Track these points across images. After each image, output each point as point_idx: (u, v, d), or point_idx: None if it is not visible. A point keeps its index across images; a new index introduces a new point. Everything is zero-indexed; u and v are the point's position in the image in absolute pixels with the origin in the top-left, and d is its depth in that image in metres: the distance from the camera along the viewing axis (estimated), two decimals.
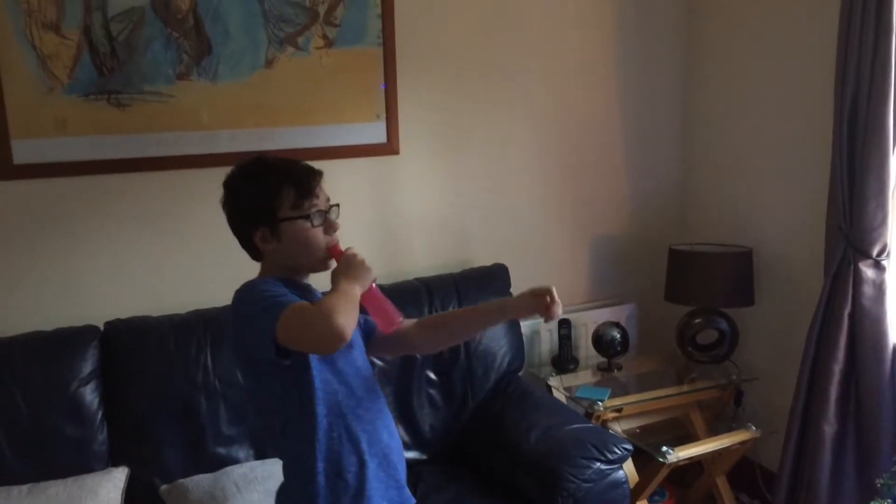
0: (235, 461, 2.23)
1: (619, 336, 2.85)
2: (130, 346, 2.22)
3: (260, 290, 1.45)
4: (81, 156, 2.31)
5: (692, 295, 2.89)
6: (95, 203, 2.36)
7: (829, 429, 2.47)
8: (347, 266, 1.47)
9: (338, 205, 1.56)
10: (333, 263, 1.53)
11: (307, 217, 1.49)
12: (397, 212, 2.76)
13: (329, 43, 2.54)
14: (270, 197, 1.48)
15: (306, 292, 1.55)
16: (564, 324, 2.87)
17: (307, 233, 1.49)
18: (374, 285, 1.51)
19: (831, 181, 2.47)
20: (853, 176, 2.38)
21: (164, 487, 2.15)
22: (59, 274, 2.34)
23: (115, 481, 2.08)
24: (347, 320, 1.33)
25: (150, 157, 2.38)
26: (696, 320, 2.89)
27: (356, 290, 1.43)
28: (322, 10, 2.52)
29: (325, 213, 1.52)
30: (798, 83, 2.72)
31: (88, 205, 2.35)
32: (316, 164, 2.48)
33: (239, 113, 2.47)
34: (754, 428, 2.63)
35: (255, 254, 1.55)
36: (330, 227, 1.53)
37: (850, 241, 2.41)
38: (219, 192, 1.54)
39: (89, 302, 2.35)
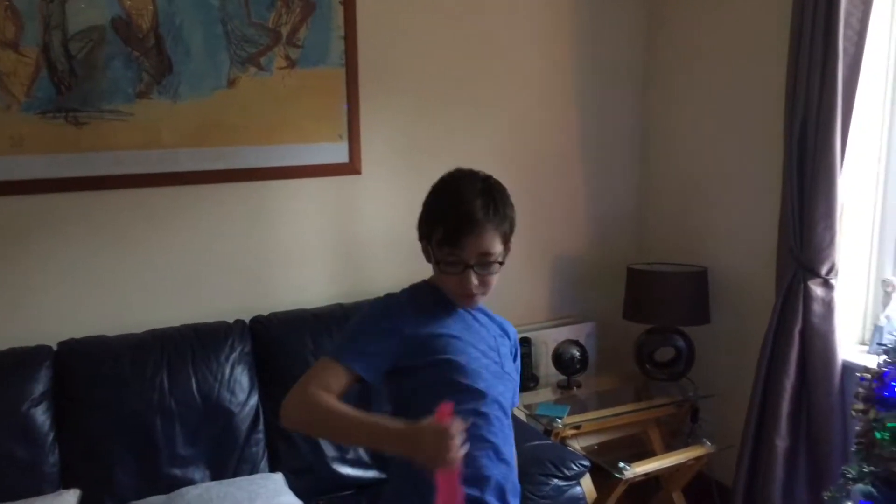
0: (191, 482, 2.20)
1: (578, 354, 2.88)
2: (84, 366, 2.19)
3: (365, 316, 1.53)
4: (38, 174, 2.29)
5: (650, 313, 2.94)
6: (52, 222, 2.33)
7: (782, 443, 2.52)
8: (429, 435, 1.29)
9: (495, 261, 1.49)
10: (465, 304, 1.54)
11: (438, 263, 1.51)
12: (359, 231, 2.77)
13: (292, 63, 2.56)
14: (430, 222, 1.52)
15: (444, 313, 1.54)
16: (525, 342, 2.89)
17: (442, 273, 1.51)
18: (456, 475, 1.32)
19: (782, 203, 2.55)
20: (803, 198, 2.45)
21: None
22: (13, 292, 2.30)
23: None
24: (303, 417, 1.40)
25: (107, 176, 2.36)
26: (654, 338, 2.94)
27: (394, 446, 1.38)
28: (285, 31, 2.54)
29: (465, 265, 1.47)
30: (750, 110, 2.80)
31: (44, 223, 2.33)
32: (278, 184, 2.55)
33: (200, 132, 2.47)
34: (709, 443, 2.68)
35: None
36: (466, 281, 1.47)
37: (800, 261, 2.48)
38: (178, 212, 1.52)
39: (44, 321, 2.32)
